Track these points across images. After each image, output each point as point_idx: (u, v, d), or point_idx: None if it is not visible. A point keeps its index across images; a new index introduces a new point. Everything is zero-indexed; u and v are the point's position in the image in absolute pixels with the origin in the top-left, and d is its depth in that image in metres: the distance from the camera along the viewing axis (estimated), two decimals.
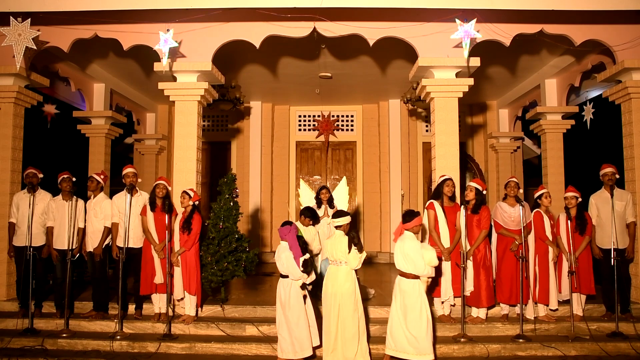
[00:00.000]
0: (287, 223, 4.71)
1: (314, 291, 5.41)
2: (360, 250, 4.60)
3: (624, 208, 5.75)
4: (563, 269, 5.71)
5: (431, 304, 5.72)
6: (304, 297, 4.63)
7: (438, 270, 5.47)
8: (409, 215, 4.59)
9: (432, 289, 5.51)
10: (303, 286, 4.62)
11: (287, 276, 4.62)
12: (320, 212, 6.97)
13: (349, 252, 4.53)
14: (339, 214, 4.84)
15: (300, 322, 4.55)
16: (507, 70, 8.65)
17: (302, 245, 4.62)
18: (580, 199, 5.73)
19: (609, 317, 5.66)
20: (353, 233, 4.67)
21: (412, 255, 4.43)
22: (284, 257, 4.57)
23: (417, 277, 4.48)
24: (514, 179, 5.77)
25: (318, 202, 7.08)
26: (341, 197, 7.29)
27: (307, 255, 4.58)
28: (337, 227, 4.77)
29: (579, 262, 5.64)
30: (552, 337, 5.31)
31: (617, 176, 5.80)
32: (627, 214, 5.78)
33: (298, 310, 4.57)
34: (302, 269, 4.50)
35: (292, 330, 4.55)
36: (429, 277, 4.50)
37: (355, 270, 4.69)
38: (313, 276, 4.69)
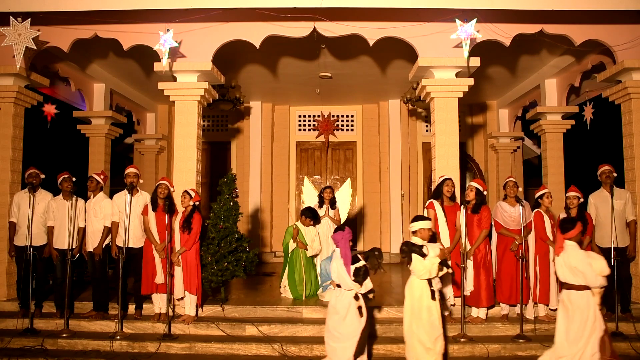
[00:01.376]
0: (340, 228, 4.41)
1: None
2: (419, 253, 4.24)
3: (623, 207, 5.75)
4: None
5: None
6: (359, 308, 4.26)
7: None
8: (568, 223, 4.23)
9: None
10: (357, 297, 4.27)
11: (340, 285, 4.32)
12: (321, 212, 6.99)
13: (409, 263, 4.26)
14: (416, 218, 4.53)
15: (352, 334, 4.21)
16: (507, 70, 8.64)
17: (357, 253, 4.33)
18: (582, 199, 5.73)
19: (609, 317, 5.64)
20: (407, 244, 4.37)
21: (580, 266, 4.05)
22: (335, 265, 4.29)
23: (587, 287, 4.07)
24: (512, 179, 5.78)
25: (320, 201, 7.09)
26: (344, 198, 7.31)
27: (361, 263, 4.27)
28: (413, 233, 4.46)
29: None
30: (552, 337, 5.24)
31: (615, 174, 5.80)
32: (627, 213, 5.77)
33: (351, 321, 4.22)
34: (353, 278, 4.21)
35: (343, 341, 4.22)
36: (601, 287, 4.08)
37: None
38: (369, 285, 4.30)
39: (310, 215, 6.67)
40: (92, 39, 6.11)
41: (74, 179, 5.87)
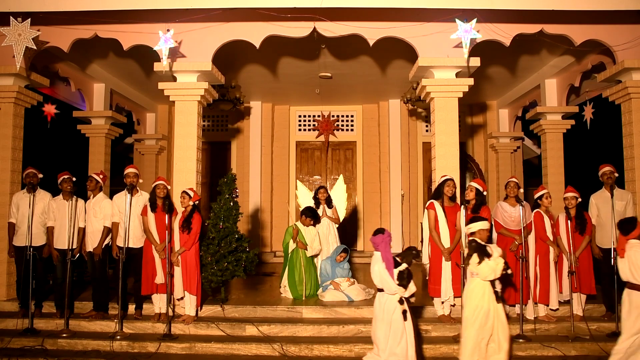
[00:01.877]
0: (380, 231, 4.22)
1: None
2: (480, 256, 4.12)
3: (624, 207, 5.74)
4: (563, 269, 5.71)
5: (431, 304, 5.74)
6: (404, 312, 4.11)
7: (438, 269, 5.48)
8: (628, 224, 4.21)
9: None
10: (401, 300, 4.12)
11: (383, 289, 4.17)
12: (318, 212, 6.98)
13: (480, 262, 4.12)
14: (474, 219, 4.43)
15: (399, 340, 4.05)
16: (507, 70, 8.64)
17: (400, 255, 4.22)
18: (580, 199, 5.73)
19: (609, 317, 5.65)
20: (472, 242, 4.26)
21: None
22: (377, 269, 4.12)
23: None
24: (514, 179, 5.77)
25: (316, 202, 7.09)
26: (339, 196, 7.31)
27: (404, 266, 4.15)
28: (471, 235, 4.38)
29: (579, 262, 5.64)
30: (552, 337, 5.31)
31: (616, 174, 5.80)
32: (628, 214, 5.76)
33: (396, 327, 4.06)
34: (397, 282, 4.07)
35: (390, 347, 4.06)
36: None
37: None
38: (412, 288, 4.15)
39: (311, 215, 6.67)
40: (92, 39, 6.11)
41: (74, 179, 5.87)
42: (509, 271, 4.29)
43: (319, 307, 5.92)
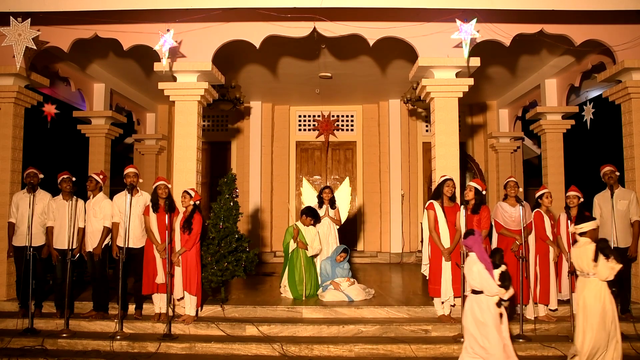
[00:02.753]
0: (470, 232, 4.18)
1: None
2: (615, 258, 4.09)
3: (627, 207, 5.74)
4: (563, 269, 5.70)
5: (431, 304, 5.75)
6: (500, 315, 4.03)
7: (438, 270, 5.48)
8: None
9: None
10: (499, 303, 4.03)
11: (479, 292, 4.05)
12: (321, 212, 7.00)
13: (596, 261, 4.08)
14: (582, 218, 4.40)
15: (496, 343, 3.96)
16: (507, 70, 8.64)
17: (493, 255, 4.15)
18: (582, 199, 5.72)
19: None
20: (603, 242, 4.22)
21: None
22: (475, 270, 4.02)
23: None
24: (513, 179, 5.77)
25: (320, 201, 7.09)
26: (343, 198, 7.32)
27: (504, 267, 4.10)
28: (581, 235, 4.34)
29: None
30: (552, 337, 5.31)
31: (618, 174, 5.80)
32: (632, 213, 5.76)
33: (493, 329, 3.97)
34: (499, 282, 3.99)
35: (488, 351, 3.99)
36: None
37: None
38: (511, 291, 4.07)
39: (311, 215, 6.68)
40: (92, 39, 6.11)
41: (73, 179, 5.86)
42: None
43: (319, 307, 5.92)
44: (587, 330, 4.18)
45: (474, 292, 4.10)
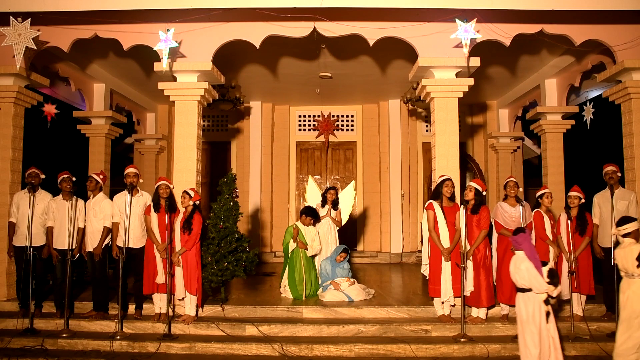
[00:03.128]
0: (521, 230, 4.24)
1: None
2: None
3: (626, 207, 5.74)
4: (563, 269, 5.70)
5: (431, 304, 5.75)
6: (547, 313, 4.07)
7: (438, 270, 5.48)
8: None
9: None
10: (547, 301, 4.08)
11: (527, 289, 4.10)
12: (322, 212, 7.01)
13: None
14: (624, 220, 4.40)
15: (544, 341, 4.02)
16: (507, 70, 8.64)
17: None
18: (583, 200, 5.72)
19: (609, 317, 5.66)
20: None
21: None
22: (524, 268, 4.05)
23: None
24: (513, 179, 5.77)
25: (323, 201, 7.10)
26: (346, 201, 7.33)
27: (551, 264, 4.18)
28: (624, 236, 4.32)
29: (579, 262, 5.64)
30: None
31: (619, 174, 5.80)
32: (631, 213, 5.76)
33: (540, 327, 4.03)
34: (547, 280, 4.02)
35: (533, 348, 4.03)
36: None
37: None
38: (559, 288, 4.13)
39: (311, 214, 6.68)
40: (92, 39, 6.11)
41: (74, 179, 5.86)
42: None
43: (319, 307, 5.92)
44: (629, 329, 4.18)
45: (521, 290, 4.15)
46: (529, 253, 4.09)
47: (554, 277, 4.07)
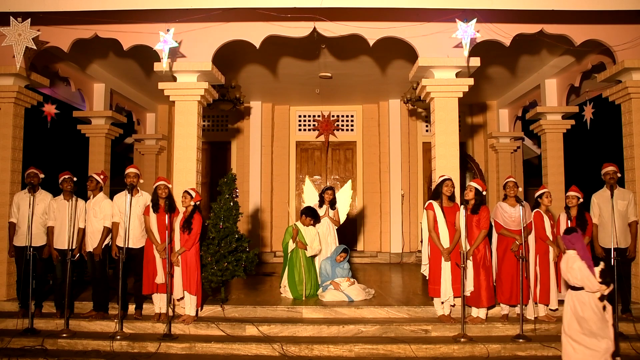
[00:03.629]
0: (573, 230, 4.30)
1: None
2: None
3: (626, 207, 5.75)
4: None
5: (431, 304, 5.75)
6: (604, 307, 4.12)
7: (438, 270, 5.49)
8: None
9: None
10: (602, 298, 4.12)
11: (579, 288, 4.16)
12: (321, 212, 7.01)
13: None
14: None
15: (602, 334, 4.07)
16: (507, 70, 8.64)
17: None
18: (581, 200, 5.72)
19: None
20: None
21: None
22: (576, 267, 4.12)
23: None
24: (512, 179, 5.77)
25: (321, 201, 7.10)
26: (344, 200, 7.33)
27: (603, 264, 4.20)
28: None
29: None
30: (552, 337, 5.30)
31: (619, 175, 5.80)
32: (629, 213, 5.77)
33: (599, 323, 4.08)
34: (600, 279, 4.08)
35: (589, 347, 4.07)
36: None
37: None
38: (612, 287, 4.17)
39: (311, 215, 6.68)
40: (92, 39, 6.11)
41: (75, 179, 5.87)
42: None
43: (319, 307, 5.92)
44: None
45: (573, 288, 4.21)
46: (581, 253, 4.17)
47: (606, 277, 4.12)
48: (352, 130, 11.41)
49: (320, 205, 7.07)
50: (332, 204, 7.12)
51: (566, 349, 4.20)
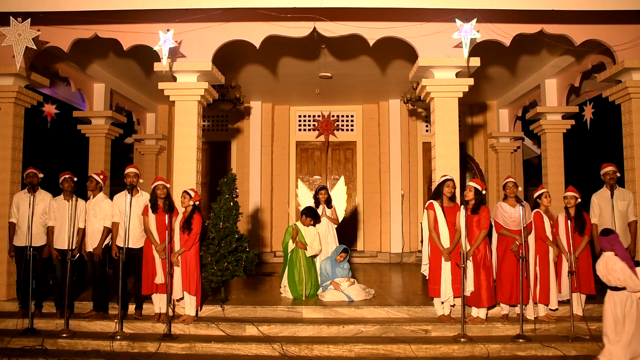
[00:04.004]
0: (611, 231, 4.41)
1: None
2: None
3: (626, 207, 5.76)
4: (563, 269, 5.70)
5: (431, 304, 5.75)
6: None
7: (438, 270, 5.49)
8: None
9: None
10: None
11: (621, 288, 4.27)
12: (318, 212, 6.99)
13: None
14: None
15: (636, 336, 4.23)
16: (507, 70, 8.65)
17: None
18: (579, 200, 5.73)
19: None
20: None
21: None
22: (618, 269, 4.22)
23: None
24: (512, 179, 5.77)
25: (316, 202, 7.10)
26: (339, 197, 7.33)
27: None
28: None
29: (579, 262, 5.64)
30: (552, 337, 5.31)
31: (618, 175, 5.81)
32: (629, 213, 5.78)
33: (634, 323, 4.22)
34: None
35: (629, 344, 4.22)
36: None
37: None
38: None
39: (311, 215, 6.68)
40: (92, 39, 6.11)
41: (75, 179, 5.87)
42: None
43: (319, 307, 5.92)
44: None
45: (614, 288, 4.30)
46: (621, 254, 4.26)
47: None
48: (352, 130, 11.41)
49: (317, 206, 7.07)
50: (328, 203, 7.12)
51: (608, 347, 4.31)
